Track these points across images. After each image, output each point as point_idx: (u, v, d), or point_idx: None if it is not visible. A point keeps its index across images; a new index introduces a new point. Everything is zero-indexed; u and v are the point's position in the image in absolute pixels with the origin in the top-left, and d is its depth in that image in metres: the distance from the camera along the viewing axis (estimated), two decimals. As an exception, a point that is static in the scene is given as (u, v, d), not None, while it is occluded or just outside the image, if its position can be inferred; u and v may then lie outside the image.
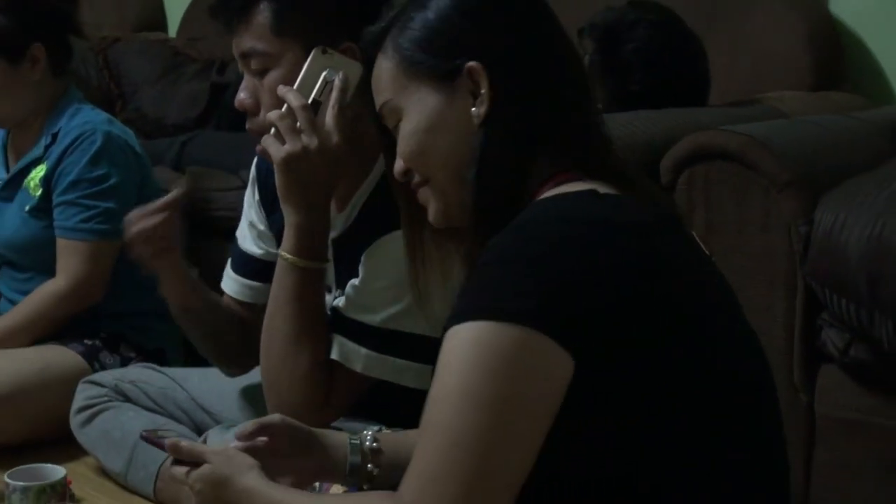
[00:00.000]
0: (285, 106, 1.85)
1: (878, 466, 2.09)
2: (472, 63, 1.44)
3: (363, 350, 1.99)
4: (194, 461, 1.61)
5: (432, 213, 1.54)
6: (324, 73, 1.91)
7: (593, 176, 1.43)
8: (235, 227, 2.38)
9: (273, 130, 1.86)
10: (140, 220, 2.07)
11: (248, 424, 1.68)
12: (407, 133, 1.51)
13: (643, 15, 2.63)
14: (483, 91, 1.45)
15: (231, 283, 2.28)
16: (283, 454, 1.67)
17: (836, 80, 2.85)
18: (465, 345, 1.31)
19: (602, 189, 1.40)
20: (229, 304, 2.28)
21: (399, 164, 1.54)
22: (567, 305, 1.29)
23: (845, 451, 2.14)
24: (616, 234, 1.35)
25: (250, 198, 2.30)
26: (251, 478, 1.52)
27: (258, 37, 1.98)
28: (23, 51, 2.68)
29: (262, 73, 1.98)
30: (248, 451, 1.62)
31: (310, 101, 1.86)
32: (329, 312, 2.06)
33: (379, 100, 1.56)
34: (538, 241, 1.34)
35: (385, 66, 1.53)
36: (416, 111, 1.50)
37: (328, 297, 2.07)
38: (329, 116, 1.87)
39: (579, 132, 1.48)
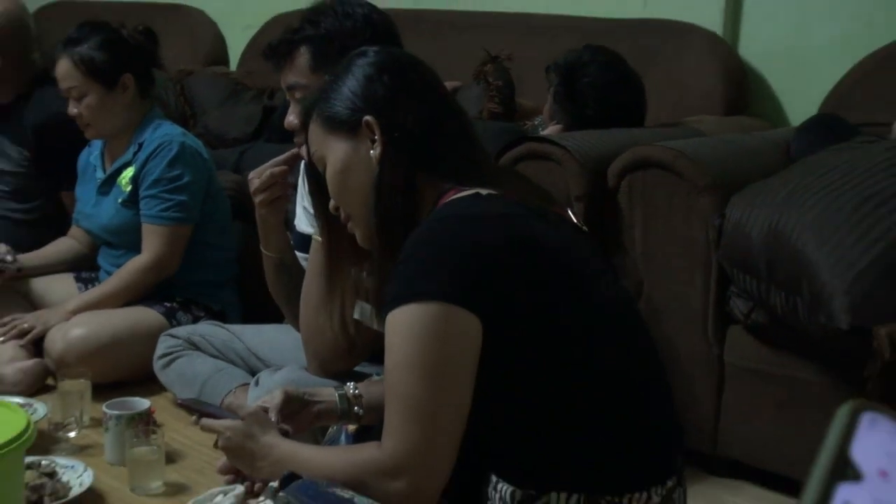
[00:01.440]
0: None
1: (772, 404, 2.12)
2: (367, 117, 1.50)
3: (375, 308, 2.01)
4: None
5: (359, 238, 1.58)
6: None
7: (476, 185, 1.47)
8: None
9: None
10: (264, 170, 2.07)
11: (270, 409, 1.71)
12: (329, 175, 1.57)
13: (595, 56, 2.63)
14: (377, 137, 1.50)
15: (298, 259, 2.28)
16: (287, 413, 1.70)
17: (743, 107, 2.85)
18: (399, 326, 1.37)
19: (484, 191, 1.45)
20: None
21: (331, 202, 1.59)
22: (465, 279, 1.36)
23: (747, 393, 2.16)
24: (493, 222, 1.41)
25: (301, 188, 2.28)
26: (272, 435, 1.57)
27: (300, 73, 1.99)
28: (116, 79, 2.68)
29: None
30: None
31: None
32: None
33: (311, 152, 1.62)
34: (438, 236, 1.41)
35: (313, 128, 1.58)
36: (333, 158, 1.55)
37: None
38: None
39: (459, 159, 1.51)
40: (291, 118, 2.02)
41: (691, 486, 1.54)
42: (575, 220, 1.58)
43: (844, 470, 0.57)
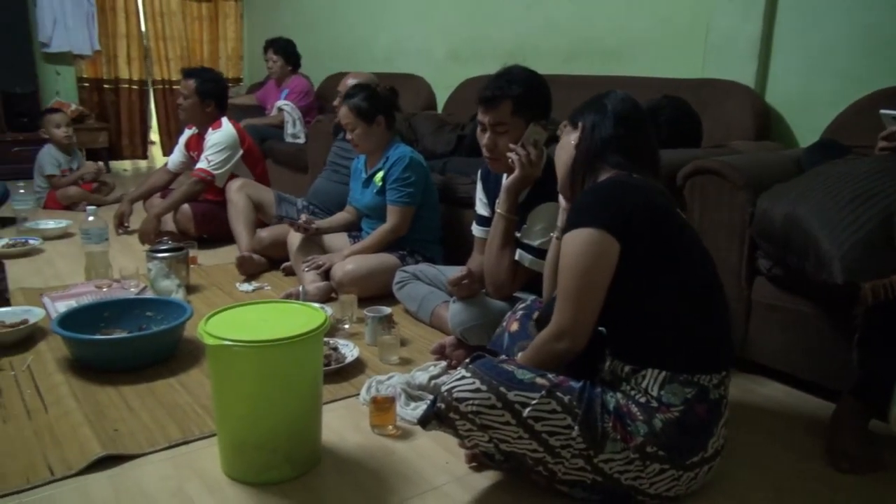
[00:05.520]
0: (523, 154, 1.88)
1: (783, 327, 1.96)
2: (580, 122, 1.50)
3: (528, 256, 1.97)
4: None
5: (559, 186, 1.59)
6: (534, 136, 1.91)
7: (631, 171, 1.44)
8: (470, 200, 2.36)
9: (512, 162, 1.89)
10: (457, 280, 2.07)
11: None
12: (558, 147, 1.58)
13: (669, 102, 2.50)
14: (577, 133, 1.50)
15: (478, 230, 2.26)
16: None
17: (767, 135, 2.64)
18: (570, 241, 1.35)
19: (635, 175, 1.42)
20: (479, 243, 2.25)
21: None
22: (615, 217, 1.32)
23: (765, 319, 2.01)
24: (637, 190, 1.37)
25: (478, 187, 2.28)
26: None
27: (503, 116, 1.93)
28: (373, 119, 2.71)
29: (503, 134, 1.94)
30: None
31: (519, 145, 1.87)
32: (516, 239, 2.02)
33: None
34: (601, 190, 1.39)
35: (569, 125, 1.56)
36: (562, 139, 1.56)
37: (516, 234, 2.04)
38: (534, 157, 1.85)
39: (623, 159, 1.45)
40: (488, 142, 1.98)
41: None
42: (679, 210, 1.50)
43: None
